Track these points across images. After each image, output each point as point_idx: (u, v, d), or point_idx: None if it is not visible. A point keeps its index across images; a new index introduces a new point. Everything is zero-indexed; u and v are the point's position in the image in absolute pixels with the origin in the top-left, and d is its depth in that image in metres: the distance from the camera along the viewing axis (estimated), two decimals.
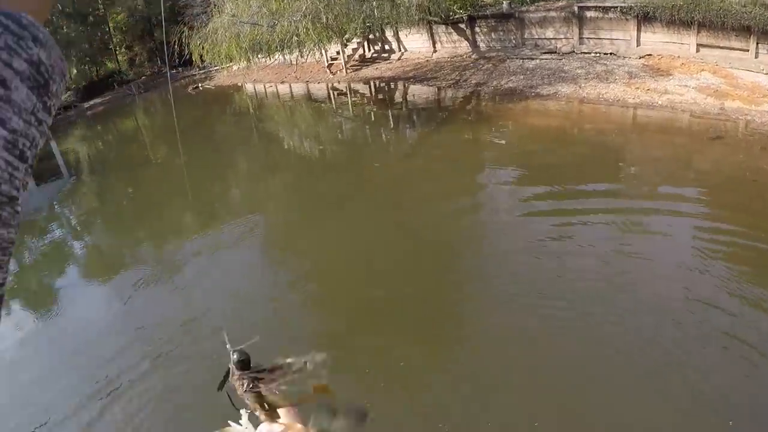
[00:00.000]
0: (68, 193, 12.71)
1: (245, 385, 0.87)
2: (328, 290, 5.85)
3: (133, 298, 6.52)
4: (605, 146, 8.45)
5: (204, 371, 4.54)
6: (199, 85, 23.16)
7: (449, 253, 6.17)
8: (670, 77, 10.40)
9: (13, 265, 8.74)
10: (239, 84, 20.73)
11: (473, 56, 14.96)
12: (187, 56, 15.93)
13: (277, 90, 17.89)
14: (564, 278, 5.12)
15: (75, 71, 26.52)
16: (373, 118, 13.06)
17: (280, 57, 17.42)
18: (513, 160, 8.45)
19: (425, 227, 6.78)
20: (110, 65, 28.81)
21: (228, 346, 0.89)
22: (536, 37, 13.85)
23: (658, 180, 6.95)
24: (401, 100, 13.74)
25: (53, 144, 18.61)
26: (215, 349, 5.12)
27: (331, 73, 16.58)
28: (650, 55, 11.53)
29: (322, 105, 14.61)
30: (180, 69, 25.02)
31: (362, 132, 12.82)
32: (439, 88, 13.39)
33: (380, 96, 14.17)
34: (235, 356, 0.88)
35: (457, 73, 13.88)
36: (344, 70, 16.26)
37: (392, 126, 12.54)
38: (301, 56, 13.96)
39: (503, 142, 9.58)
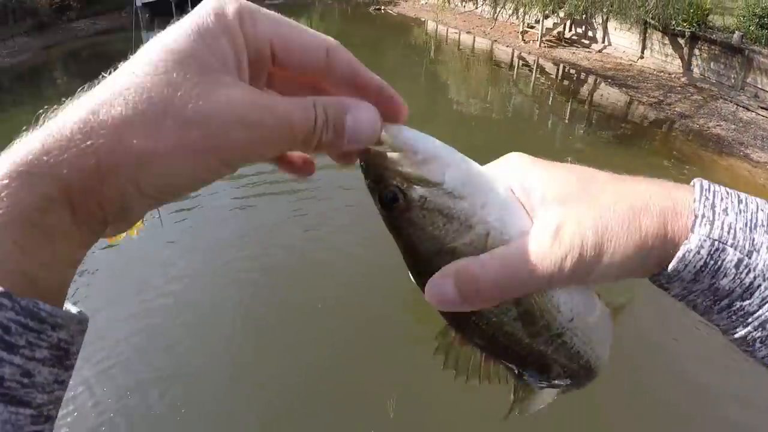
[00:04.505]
0: None
1: None
2: None
3: None
4: None
5: None
6: (382, 7, 22.95)
7: None
8: None
9: None
10: (422, 19, 20.20)
11: (683, 79, 13.15)
12: None
13: (459, 38, 17.15)
14: None
15: None
16: (549, 103, 12.05)
17: (476, 6, 16.55)
18: None
19: None
20: None
21: None
22: (759, 86, 11.76)
23: None
24: (587, 95, 12.51)
25: None
26: None
27: (524, 41, 15.48)
28: None
29: (502, 70, 13.74)
30: None
31: (532, 112, 11.90)
32: (632, 100, 11.96)
33: (566, 83, 13.01)
34: None
35: (661, 92, 12.27)
36: (538, 43, 15.09)
37: (567, 118, 11.49)
38: (499, 13, 13.01)
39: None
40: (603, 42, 15.12)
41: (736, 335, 0.39)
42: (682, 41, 13.25)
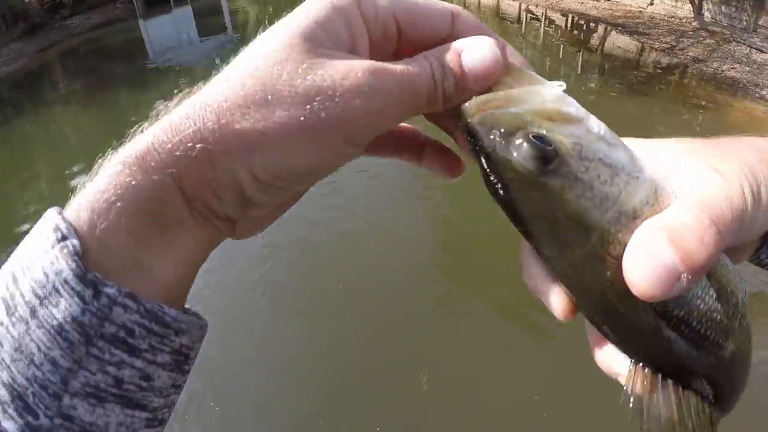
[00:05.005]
0: (230, 50, 12.88)
1: None
2: None
3: None
4: None
5: None
6: None
7: None
8: None
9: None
10: None
11: (694, 23, 12.95)
12: None
13: None
14: None
15: None
16: (560, 56, 11.94)
17: None
18: None
19: None
20: None
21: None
22: None
23: None
24: (597, 44, 12.39)
25: (224, 1, 18.72)
26: None
27: None
28: None
29: (510, 24, 13.58)
30: None
31: (543, 64, 11.80)
32: (644, 47, 11.85)
33: (575, 33, 12.86)
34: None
35: (673, 37, 12.11)
36: None
37: (579, 70, 11.40)
38: None
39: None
40: None
41: None
42: None
